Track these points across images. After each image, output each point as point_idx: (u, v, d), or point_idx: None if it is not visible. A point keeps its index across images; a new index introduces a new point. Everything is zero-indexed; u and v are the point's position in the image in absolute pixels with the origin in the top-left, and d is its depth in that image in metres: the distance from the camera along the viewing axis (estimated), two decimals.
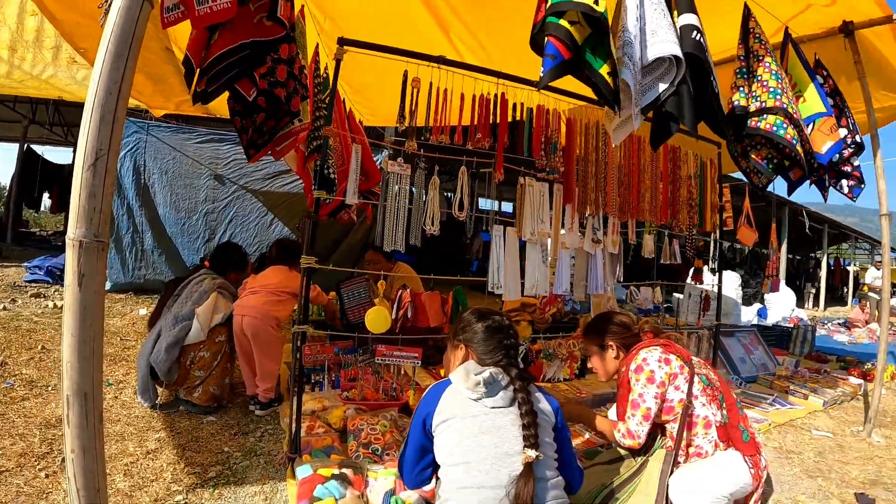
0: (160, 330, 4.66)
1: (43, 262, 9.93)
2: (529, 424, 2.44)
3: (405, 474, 2.79)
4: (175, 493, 3.43)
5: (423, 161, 3.94)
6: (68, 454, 2.16)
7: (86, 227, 2.09)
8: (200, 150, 9.45)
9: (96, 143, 2.07)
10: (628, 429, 3.30)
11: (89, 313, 2.12)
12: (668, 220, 5.44)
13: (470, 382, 2.53)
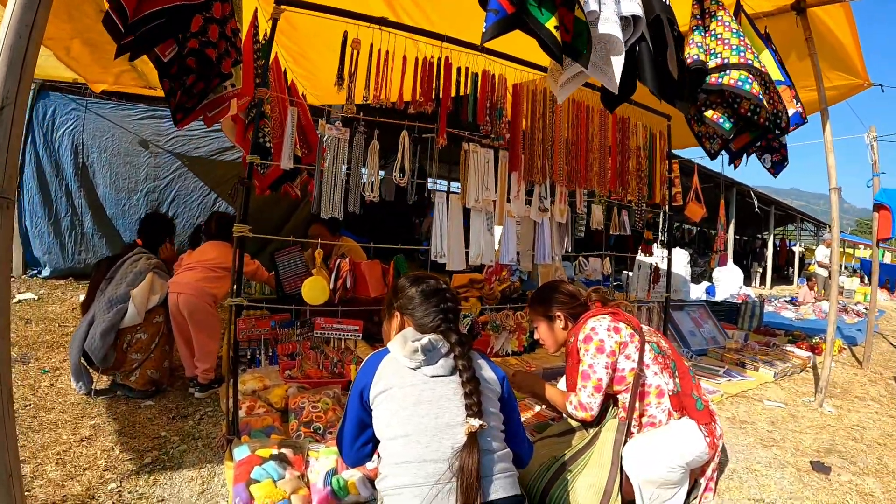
0: (94, 314, 4.42)
1: None
2: (472, 392, 2.30)
3: (344, 451, 2.63)
4: (109, 480, 3.25)
5: (361, 125, 3.79)
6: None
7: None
8: (141, 126, 9.15)
9: (3, 90, 1.86)
10: (580, 401, 3.23)
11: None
12: (616, 190, 5.37)
13: (407, 349, 2.39)
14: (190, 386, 4.68)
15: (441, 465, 2.18)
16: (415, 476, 2.20)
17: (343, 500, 3.04)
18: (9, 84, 1.87)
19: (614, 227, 5.84)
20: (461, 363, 2.38)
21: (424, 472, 2.19)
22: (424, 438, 2.24)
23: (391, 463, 2.28)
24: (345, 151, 3.68)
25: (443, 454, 2.20)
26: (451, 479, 2.15)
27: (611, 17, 2.86)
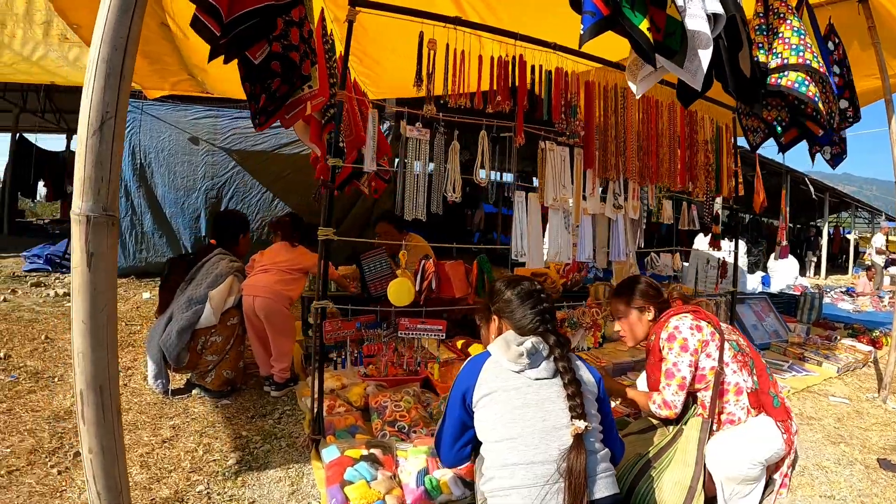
0: (172, 312, 4.47)
1: (41, 250, 9.80)
2: (574, 394, 2.33)
3: (443, 452, 2.67)
4: (196, 482, 3.28)
5: (442, 125, 3.78)
6: (85, 454, 1.97)
7: (93, 201, 1.87)
8: (197, 126, 9.29)
9: (101, 104, 1.86)
10: (664, 399, 3.21)
11: (101, 296, 1.91)
12: (685, 185, 5.30)
13: (511, 353, 2.41)
14: (265, 384, 4.73)
15: (549, 467, 2.22)
16: (523, 478, 2.23)
17: (436, 499, 3.05)
18: (107, 97, 1.87)
19: (683, 223, 5.76)
20: (562, 365, 2.40)
21: (533, 473, 2.23)
22: (532, 441, 2.27)
23: (497, 465, 2.30)
24: (426, 152, 3.68)
25: (550, 456, 2.24)
26: (558, 479, 2.20)
27: (697, 13, 2.82)
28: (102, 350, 1.95)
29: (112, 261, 1.97)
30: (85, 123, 1.87)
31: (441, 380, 4.52)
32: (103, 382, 1.95)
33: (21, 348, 5.43)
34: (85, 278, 1.90)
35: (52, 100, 15.44)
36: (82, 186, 1.88)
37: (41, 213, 22.51)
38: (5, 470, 3.27)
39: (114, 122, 1.90)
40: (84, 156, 1.87)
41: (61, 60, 6.56)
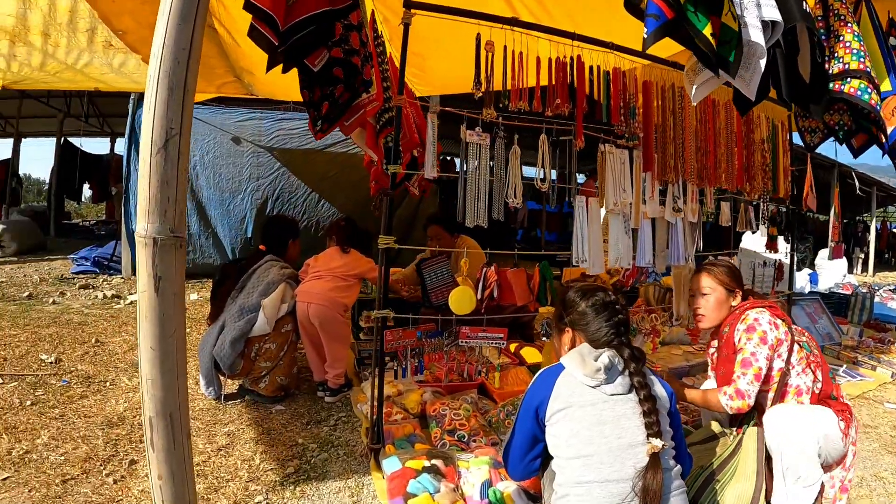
0: (224, 321, 4.45)
1: (89, 252, 9.92)
2: (651, 411, 2.26)
3: (512, 465, 2.61)
4: (254, 493, 3.24)
5: (502, 130, 3.70)
6: (154, 480, 1.94)
7: (159, 222, 1.84)
8: (242, 128, 9.32)
9: (165, 121, 1.81)
10: (737, 388, 3.05)
11: (170, 321, 1.89)
12: (743, 185, 5.17)
13: (589, 369, 2.33)
14: (319, 390, 4.69)
15: (624, 486, 2.17)
16: (598, 497, 2.18)
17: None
18: (171, 113, 1.81)
19: (741, 224, 5.63)
20: (637, 380, 2.34)
21: (608, 492, 2.17)
22: (608, 459, 2.21)
23: (572, 482, 2.25)
24: (486, 157, 3.61)
25: (626, 474, 2.18)
26: (633, 499, 2.15)
27: (753, 23, 2.73)
28: (172, 376, 1.91)
29: (180, 283, 1.92)
30: (148, 141, 1.81)
31: (500, 387, 4.46)
32: (173, 410, 1.91)
33: (72, 352, 5.48)
34: (153, 303, 1.86)
35: (95, 104, 15.67)
36: (147, 206, 1.82)
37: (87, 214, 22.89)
38: (60, 479, 3.26)
39: (179, 140, 1.84)
40: (149, 176, 1.81)
41: (106, 67, 6.54)
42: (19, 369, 4.93)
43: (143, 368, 1.89)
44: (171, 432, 1.92)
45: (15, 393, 4.41)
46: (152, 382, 1.88)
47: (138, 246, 1.86)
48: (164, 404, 1.89)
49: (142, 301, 1.88)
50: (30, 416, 4.04)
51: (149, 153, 1.82)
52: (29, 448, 3.59)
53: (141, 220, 1.84)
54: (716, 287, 3.40)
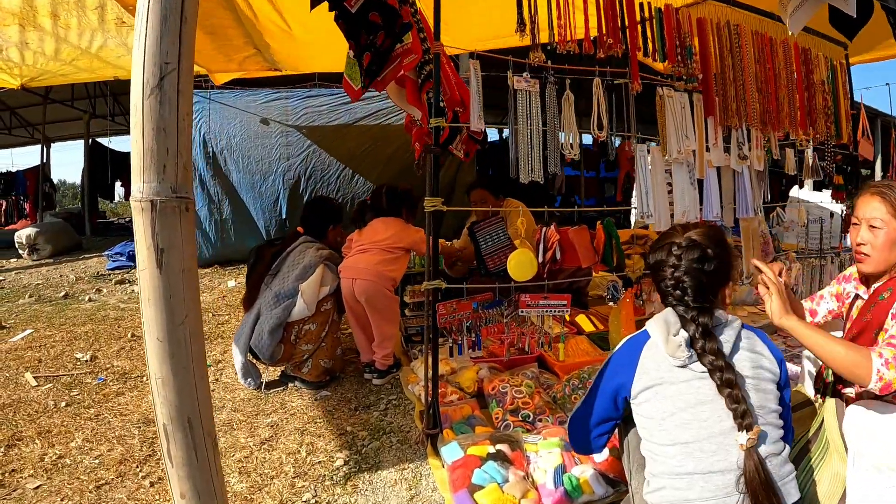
0: (259, 310, 4.21)
1: (123, 247, 9.88)
2: (736, 398, 1.91)
3: (580, 438, 2.32)
4: (302, 490, 2.98)
5: (552, 74, 3.37)
6: (177, 499, 1.62)
7: (157, 181, 1.50)
8: (268, 108, 9.13)
9: (158, 56, 1.48)
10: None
11: (179, 305, 1.55)
12: (806, 130, 4.79)
13: (671, 346, 1.99)
14: (366, 372, 4.45)
15: (729, 477, 1.88)
16: (702, 490, 1.89)
17: (576, 500, 2.68)
18: (165, 45, 1.47)
19: (806, 172, 5.25)
20: (710, 361, 1.98)
21: (713, 484, 1.89)
22: (709, 447, 1.91)
23: (669, 473, 1.95)
24: (537, 106, 3.29)
25: (731, 464, 1.89)
26: (742, 490, 1.86)
27: None
28: (187, 374, 1.56)
29: (190, 257, 1.55)
30: (139, 83, 1.47)
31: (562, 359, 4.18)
32: (192, 414, 1.57)
33: (107, 348, 5.33)
34: (155, 282, 1.50)
35: (119, 102, 15.70)
36: (141, 163, 1.49)
37: (122, 212, 23.07)
38: (94, 484, 3.07)
39: (177, 77, 1.49)
40: (141, 124, 1.48)
41: (121, 48, 6.37)
42: (54, 370, 4.79)
43: (151, 365, 1.55)
44: (192, 441, 1.59)
45: (50, 395, 4.25)
46: (162, 382, 1.54)
47: (134, 213, 1.52)
48: (180, 409, 1.57)
49: (142, 281, 1.53)
50: (64, 418, 3.88)
51: (140, 97, 1.49)
52: (62, 452, 3.41)
53: (135, 181, 1.51)
54: (892, 220, 2.47)
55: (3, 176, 16.56)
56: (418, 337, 4.92)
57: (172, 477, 1.63)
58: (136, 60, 1.50)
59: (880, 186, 2.52)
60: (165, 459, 1.63)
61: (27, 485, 3.08)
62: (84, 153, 14.74)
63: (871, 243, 2.47)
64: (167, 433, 1.59)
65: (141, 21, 1.50)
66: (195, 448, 1.61)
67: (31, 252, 10.50)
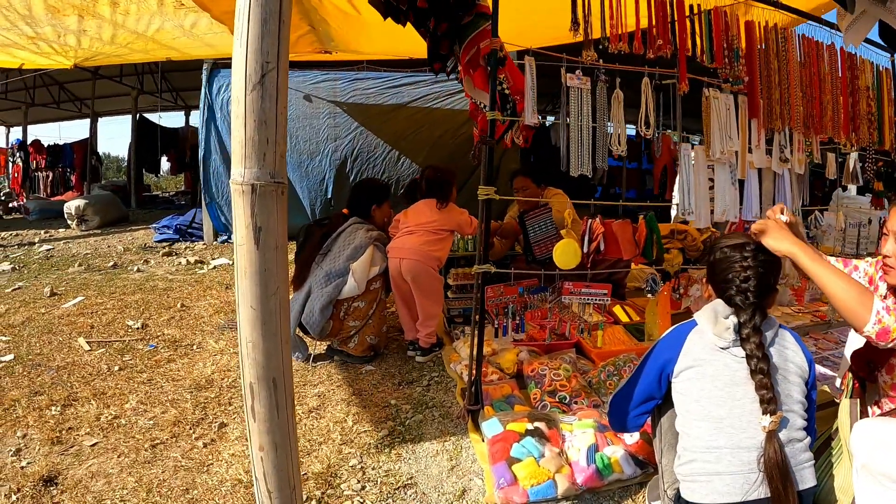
0: (310, 288, 4.37)
1: (170, 221, 10.11)
2: (762, 385, 2.06)
3: (619, 416, 2.49)
4: (348, 456, 3.16)
5: (603, 73, 3.50)
6: (255, 451, 1.80)
7: (258, 167, 1.67)
8: (317, 89, 9.27)
9: (260, 54, 1.65)
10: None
11: (272, 278, 1.73)
12: (849, 135, 4.84)
13: (719, 327, 2.16)
14: (409, 349, 4.61)
15: (754, 454, 2.03)
16: (729, 464, 2.04)
17: (607, 478, 2.83)
18: (266, 45, 1.64)
19: (846, 178, 5.30)
20: (750, 347, 2.13)
21: (739, 459, 2.04)
22: (740, 423, 2.07)
23: (699, 447, 2.10)
24: (588, 102, 3.42)
25: (756, 443, 2.03)
26: (762, 469, 2.02)
27: None
28: (275, 339, 1.75)
29: (282, 235, 1.75)
30: (242, 78, 1.65)
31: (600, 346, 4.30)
32: (277, 375, 1.77)
33: (158, 317, 5.53)
34: (252, 257, 1.69)
35: (167, 79, 15.99)
36: (243, 150, 1.66)
37: (166, 186, 23.44)
38: (149, 443, 3.25)
39: (276, 75, 1.67)
40: (244, 116, 1.65)
41: (177, 30, 6.42)
42: (107, 336, 5.00)
43: (243, 330, 1.75)
44: (275, 400, 1.78)
45: (103, 359, 4.45)
46: (253, 345, 1.74)
47: (234, 195, 1.71)
48: (266, 370, 1.76)
49: (240, 256, 1.72)
50: (118, 381, 4.07)
51: (242, 92, 1.66)
52: (118, 413, 3.60)
53: (237, 166, 1.69)
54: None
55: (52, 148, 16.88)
56: (460, 318, 5.06)
57: (253, 431, 1.80)
58: (238, 57, 1.67)
59: None
60: (248, 415, 1.81)
61: (84, 442, 3.26)
62: (131, 128, 15.03)
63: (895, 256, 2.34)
64: (253, 391, 1.77)
65: (242, 21, 1.66)
66: (277, 406, 1.79)
67: (79, 223, 10.78)
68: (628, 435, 2.95)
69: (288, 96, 6.18)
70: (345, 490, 2.86)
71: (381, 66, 9.46)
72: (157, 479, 2.91)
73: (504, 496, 2.70)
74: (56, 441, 3.26)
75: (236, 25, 1.68)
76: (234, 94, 1.70)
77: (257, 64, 1.66)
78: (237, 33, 1.67)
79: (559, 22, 3.53)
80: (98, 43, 6.94)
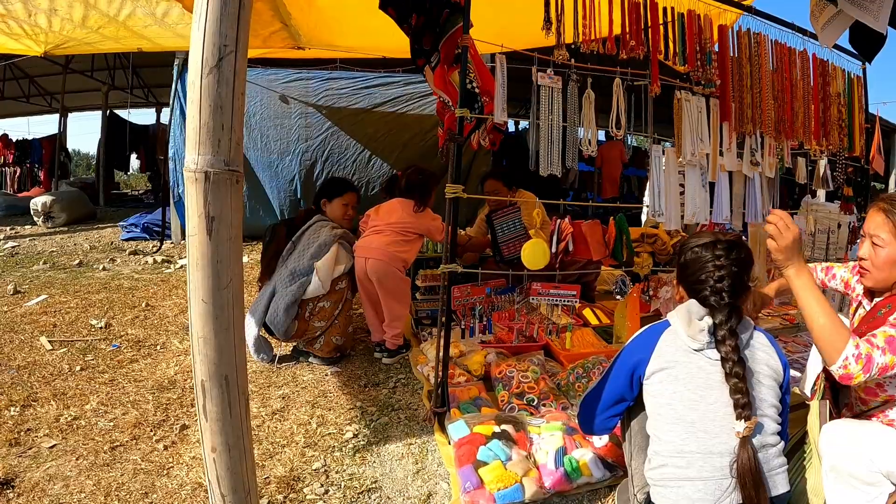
0: (274, 287, 4.30)
1: (138, 219, 9.98)
2: (737, 389, 2.03)
3: (587, 417, 2.46)
4: (312, 459, 3.09)
5: (574, 72, 3.48)
6: (207, 453, 1.73)
7: (212, 154, 1.60)
8: (288, 88, 9.18)
9: (218, 37, 1.59)
10: (869, 356, 2.08)
11: (225, 269, 1.67)
12: (819, 141, 4.87)
13: (692, 329, 2.13)
14: (376, 351, 4.55)
15: (726, 460, 1.99)
16: (701, 469, 2.01)
17: (575, 481, 2.78)
18: (224, 27, 1.58)
19: (816, 182, 5.33)
20: (725, 350, 2.11)
21: (710, 465, 2.00)
22: (713, 428, 2.04)
23: (671, 451, 2.07)
24: (559, 102, 3.39)
25: (728, 448, 2.00)
26: (734, 475, 1.99)
27: None
28: (227, 334, 1.69)
29: (237, 226, 1.68)
30: (198, 61, 1.58)
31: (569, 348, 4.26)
32: (229, 372, 1.71)
33: (122, 317, 5.42)
34: (204, 249, 1.62)
35: (139, 75, 15.78)
36: (197, 136, 1.60)
37: (135, 185, 23.19)
38: (108, 446, 3.17)
39: (234, 58, 1.60)
40: (199, 101, 1.58)
41: (149, 18, 6.27)
42: (69, 335, 4.89)
43: (195, 325, 1.68)
44: (227, 398, 1.72)
45: (65, 359, 4.35)
46: (204, 341, 1.67)
47: (187, 182, 1.64)
48: (219, 366, 1.69)
49: (192, 246, 1.65)
50: (79, 381, 3.98)
51: (198, 75, 1.59)
52: (77, 414, 3.52)
53: (190, 152, 1.62)
54: (893, 240, 2.37)
55: (20, 143, 16.61)
56: (428, 320, 5.02)
57: (206, 431, 1.74)
58: (196, 40, 1.61)
59: (887, 201, 2.45)
60: (200, 414, 1.74)
61: (42, 444, 3.17)
62: (101, 124, 14.82)
63: (872, 259, 2.44)
64: (204, 389, 1.70)
65: (200, 3, 1.60)
66: (230, 404, 1.72)
67: (45, 219, 10.60)
68: (597, 438, 2.90)
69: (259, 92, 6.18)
70: (307, 494, 2.79)
71: (355, 66, 9.40)
72: (115, 483, 2.83)
73: (470, 500, 2.65)
74: (14, 443, 3.17)
75: (195, 7, 1.61)
76: (190, 77, 1.64)
77: (215, 47, 1.59)
78: (196, 14, 1.61)
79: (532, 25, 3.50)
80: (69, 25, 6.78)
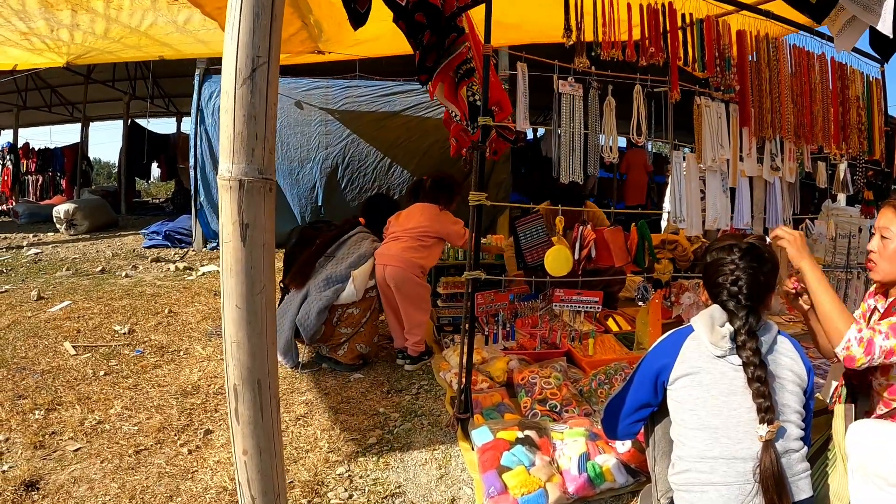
0: (308, 290, 4.36)
1: (160, 227, 10.03)
2: (760, 393, 2.04)
3: (611, 422, 2.47)
4: (335, 464, 3.12)
5: (595, 80, 3.50)
6: (238, 455, 1.76)
7: (246, 162, 1.64)
8: (308, 96, 9.22)
9: (251, 48, 1.63)
10: (871, 339, 2.25)
11: (258, 276, 1.70)
12: (839, 145, 4.85)
13: (715, 335, 2.14)
14: (398, 357, 4.58)
15: (750, 465, 2.00)
16: (724, 474, 2.02)
17: (599, 487, 2.81)
18: (257, 39, 1.62)
19: (837, 186, 5.31)
20: (746, 355, 2.11)
21: (734, 470, 2.02)
22: (736, 434, 2.05)
23: (695, 456, 2.08)
24: (580, 109, 3.41)
25: (752, 453, 2.01)
26: (758, 479, 1.99)
27: None
28: (260, 339, 1.72)
29: (270, 233, 1.71)
30: (232, 73, 1.62)
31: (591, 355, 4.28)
32: (262, 376, 1.74)
33: (145, 323, 5.48)
34: (238, 255, 1.66)
35: (159, 85, 15.92)
36: (231, 146, 1.64)
37: (156, 193, 23.37)
38: (133, 449, 3.21)
39: (267, 69, 1.65)
40: (233, 110, 1.62)
41: (170, 26, 6.40)
42: (93, 340, 4.95)
43: (228, 329, 1.71)
44: (259, 402, 1.74)
45: (89, 364, 4.41)
46: (237, 346, 1.70)
47: (221, 190, 1.68)
48: (252, 370, 1.72)
49: (226, 253, 1.69)
50: (103, 386, 4.03)
51: (232, 86, 1.64)
52: (102, 418, 3.56)
53: (224, 161, 1.66)
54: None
55: (42, 152, 16.78)
56: (450, 327, 5.05)
57: (237, 434, 1.77)
58: (229, 52, 1.65)
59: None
60: (231, 418, 1.77)
61: (67, 447, 3.22)
62: (123, 133, 14.96)
63: (880, 252, 2.53)
64: (237, 393, 1.73)
65: (233, 15, 1.64)
66: (261, 408, 1.76)
67: (68, 227, 10.69)
68: (620, 443, 2.92)
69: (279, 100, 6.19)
70: (332, 498, 2.82)
71: (374, 75, 9.44)
72: (140, 486, 2.88)
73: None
74: (39, 445, 3.21)
75: (228, 19, 1.66)
76: (223, 88, 1.68)
77: (248, 58, 1.64)
78: (228, 27, 1.66)
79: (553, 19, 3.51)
80: (91, 37, 6.90)
